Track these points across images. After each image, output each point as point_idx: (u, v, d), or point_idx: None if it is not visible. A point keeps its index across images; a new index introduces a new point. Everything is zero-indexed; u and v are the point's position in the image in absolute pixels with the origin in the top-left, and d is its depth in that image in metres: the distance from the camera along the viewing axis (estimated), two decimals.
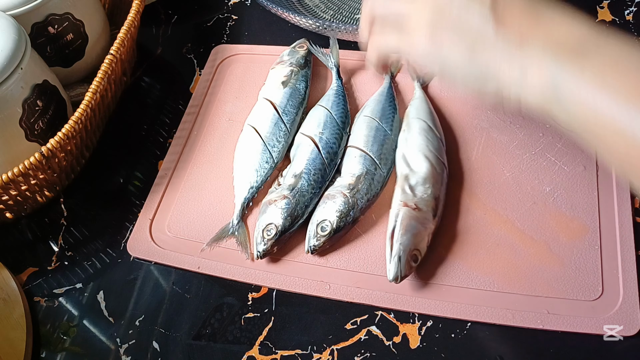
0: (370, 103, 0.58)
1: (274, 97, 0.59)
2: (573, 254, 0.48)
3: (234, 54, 0.69)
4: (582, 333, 0.44)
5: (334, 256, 0.50)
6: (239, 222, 0.53)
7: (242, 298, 0.50)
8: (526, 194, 0.52)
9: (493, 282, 0.47)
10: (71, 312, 0.52)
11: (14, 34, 0.51)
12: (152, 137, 0.63)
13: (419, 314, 0.47)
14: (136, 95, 0.68)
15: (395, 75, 0.62)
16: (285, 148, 0.57)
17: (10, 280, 0.53)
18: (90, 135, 0.59)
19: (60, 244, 0.56)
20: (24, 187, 0.52)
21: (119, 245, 0.55)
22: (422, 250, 0.47)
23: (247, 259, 0.51)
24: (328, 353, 0.46)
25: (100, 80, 0.55)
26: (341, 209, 0.50)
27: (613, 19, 0.65)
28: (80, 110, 0.52)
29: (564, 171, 0.53)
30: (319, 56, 0.64)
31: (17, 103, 0.51)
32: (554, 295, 0.46)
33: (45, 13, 0.57)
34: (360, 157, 0.53)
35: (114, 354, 0.48)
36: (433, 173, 0.50)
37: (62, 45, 0.61)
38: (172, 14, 0.77)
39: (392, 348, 0.46)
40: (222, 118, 0.63)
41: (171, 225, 0.55)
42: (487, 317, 0.45)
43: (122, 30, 0.58)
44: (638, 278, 0.46)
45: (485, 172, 0.54)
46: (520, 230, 0.50)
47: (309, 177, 0.52)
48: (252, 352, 0.47)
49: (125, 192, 0.59)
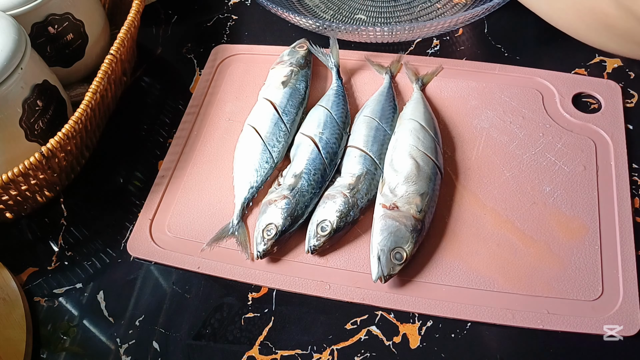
0: (370, 103, 0.58)
1: (274, 97, 0.59)
2: (573, 254, 0.48)
3: (234, 54, 0.69)
4: (582, 333, 0.44)
5: (334, 256, 0.50)
6: (239, 222, 0.53)
7: (242, 298, 0.50)
8: (526, 194, 0.52)
9: (493, 282, 0.47)
10: (71, 312, 0.52)
11: (14, 34, 0.51)
12: (152, 137, 0.63)
13: (419, 314, 0.47)
14: (136, 95, 0.68)
15: (395, 75, 0.62)
16: (285, 148, 0.57)
17: (10, 280, 0.53)
18: (90, 135, 0.59)
19: (60, 244, 0.56)
20: (24, 187, 0.52)
21: (119, 245, 0.55)
22: (408, 248, 0.46)
23: (247, 259, 0.51)
24: (328, 353, 0.46)
25: (100, 80, 0.55)
26: (341, 209, 0.50)
27: None
28: (80, 110, 0.52)
29: (564, 171, 0.53)
30: (319, 56, 0.64)
31: (17, 103, 0.51)
32: (554, 295, 0.46)
33: (45, 13, 0.57)
34: (360, 157, 0.54)
35: (114, 354, 0.48)
36: (417, 171, 0.50)
37: (62, 45, 0.61)
38: (172, 14, 0.76)
39: (392, 348, 0.46)
40: (222, 118, 0.63)
41: (171, 225, 0.55)
42: (487, 317, 0.46)
43: (122, 30, 0.58)
44: (638, 278, 0.46)
45: (485, 172, 0.54)
46: (520, 230, 0.50)
47: (309, 177, 0.52)
48: (252, 352, 0.47)
49: (125, 192, 0.59)
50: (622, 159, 0.53)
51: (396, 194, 0.49)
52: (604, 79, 0.59)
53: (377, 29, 0.61)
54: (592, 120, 0.56)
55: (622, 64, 0.61)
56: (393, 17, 0.70)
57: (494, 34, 0.66)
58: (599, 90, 0.58)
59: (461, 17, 0.61)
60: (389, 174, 0.51)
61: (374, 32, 0.62)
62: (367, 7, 0.72)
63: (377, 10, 0.71)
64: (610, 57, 0.61)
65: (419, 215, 0.48)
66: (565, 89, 0.59)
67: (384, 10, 0.71)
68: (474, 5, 0.68)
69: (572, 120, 0.56)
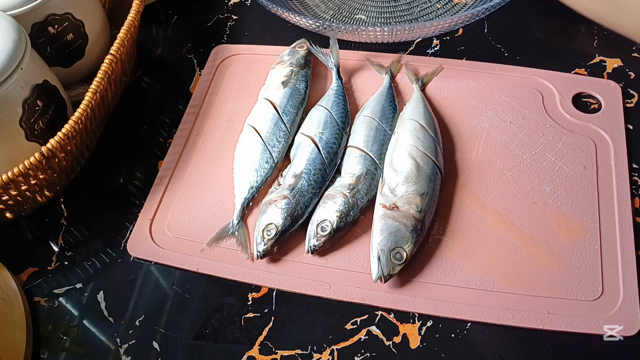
0: (370, 103, 0.58)
1: (274, 97, 0.59)
2: (573, 254, 0.48)
3: (234, 54, 0.69)
4: (582, 333, 0.44)
5: (334, 256, 0.50)
6: (239, 222, 0.53)
7: (242, 298, 0.50)
8: (526, 194, 0.52)
9: (493, 282, 0.47)
10: (71, 312, 0.52)
11: (14, 34, 0.51)
12: (152, 137, 0.63)
13: (419, 314, 0.47)
14: (136, 95, 0.68)
15: (395, 75, 0.62)
16: (285, 148, 0.57)
17: (10, 280, 0.53)
18: (90, 135, 0.59)
19: (60, 244, 0.56)
20: (24, 187, 0.52)
21: (119, 245, 0.55)
22: (408, 248, 0.47)
23: (247, 259, 0.51)
24: (328, 353, 0.46)
25: (100, 80, 0.55)
26: (341, 209, 0.50)
27: None
28: (80, 110, 0.52)
29: (564, 171, 0.53)
30: (319, 56, 0.64)
31: (17, 103, 0.51)
32: (554, 295, 0.46)
33: (45, 13, 0.57)
34: (360, 157, 0.54)
35: (114, 354, 0.48)
36: (417, 171, 0.50)
37: (62, 45, 0.61)
38: (172, 14, 0.76)
39: (392, 348, 0.46)
40: (222, 118, 0.63)
41: (171, 225, 0.55)
42: (487, 317, 0.46)
43: (122, 30, 0.58)
44: (638, 278, 0.46)
45: (485, 172, 0.54)
46: (520, 230, 0.50)
47: (309, 177, 0.52)
48: (252, 352, 0.47)
49: (125, 192, 0.59)
50: (622, 159, 0.53)
51: (396, 194, 0.49)
52: (604, 79, 0.59)
53: (377, 29, 0.61)
54: (592, 120, 0.56)
55: (622, 64, 0.61)
56: (393, 17, 0.70)
57: (494, 34, 0.66)
58: (599, 90, 0.58)
59: (461, 17, 0.61)
60: (389, 174, 0.51)
61: (374, 32, 0.62)
62: (367, 7, 0.72)
63: (377, 10, 0.71)
64: (611, 57, 0.61)
65: (419, 215, 0.48)
66: (565, 89, 0.59)
67: (384, 10, 0.71)
68: (474, 5, 0.68)
69: (572, 120, 0.56)
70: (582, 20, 0.63)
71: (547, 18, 0.67)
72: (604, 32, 0.64)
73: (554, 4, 0.63)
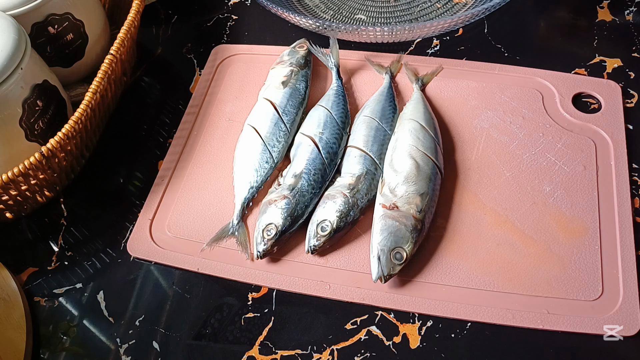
0: (370, 103, 0.58)
1: (274, 97, 0.59)
2: (573, 254, 0.48)
3: (234, 54, 0.69)
4: (582, 333, 0.44)
5: (334, 256, 0.50)
6: (239, 222, 0.53)
7: (242, 298, 0.50)
8: (526, 194, 0.52)
9: (493, 282, 0.47)
10: (71, 312, 0.52)
11: (14, 34, 0.51)
12: (152, 137, 0.63)
13: (419, 314, 0.47)
14: (136, 95, 0.68)
15: (395, 75, 0.62)
16: (285, 148, 0.57)
17: (10, 280, 0.53)
18: (90, 135, 0.59)
19: (60, 244, 0.56)
20: (24, 187, 0.52)
21: (119, 245, 0.55)
22: (408, 248, 0.47)
23: (247, 259, 0.51)
24: (328, 353, 0.46)
25: (100, 80, 0.55)
26: (341, 209, 0.50)
27: (613, 19, 0.65)
28: (80, 110, 0.52)
29: (564, 171, 0.53)
30: (319, 56, 0.64)
31: (17, 103, 0.51)
32: (554, 295, 0.46)
33: (45, 13, 0.57)
34: (360, 157, 0.54)
35: (114, 354, 0.48)
36: (417, 171, 0.50)
37: (62, 45, 0.61)
38: (172, 14, 0.76)
39: (392, 348, 0.46)
40: (222, 118, 0.63)
41: (171, 225, 0.55)
42: (487, 317, 0.46)
43: (122, 30, 0.58)
44: (638, 278, 0.46)
45: (485, 172, 0.54)
46: (520, 230, 0.50)
47: (309, 177, 0.52)
48: (252, 352, 0.47)
49: (125, 192, 0.59)
50: (622, 159, 0.53)
51: (396, 194, 0.49)
52: (604, 79, 0.59)
53: (377, 29, 0.61)
54: (592, 120, 0.56)
55: (622, 64, 0.61)
56: (393, 17, 0.70)
57: (494, 34, 0.66)
58: (599, 90, 0.58)
59: (461, 17, 0.61)
60: (389, 174, 0.51)
61: (374, 32, 0.62)
62: (367, 7, 0.72)
63: (377, 10, 0.71)
64: (611, 57, 0.61)
65: (419, 215, 0.48)
66: (565, 89, 0.59)
67: (384, 10, 0.71)
68: (474, 5, 0.68)
69: (572, 120, 0.56)
70: (582, 20, 0.63)
71: (547, 18, 0.67)
72: (604, 32, 0.64)
73: (554, 4, 0.63)
